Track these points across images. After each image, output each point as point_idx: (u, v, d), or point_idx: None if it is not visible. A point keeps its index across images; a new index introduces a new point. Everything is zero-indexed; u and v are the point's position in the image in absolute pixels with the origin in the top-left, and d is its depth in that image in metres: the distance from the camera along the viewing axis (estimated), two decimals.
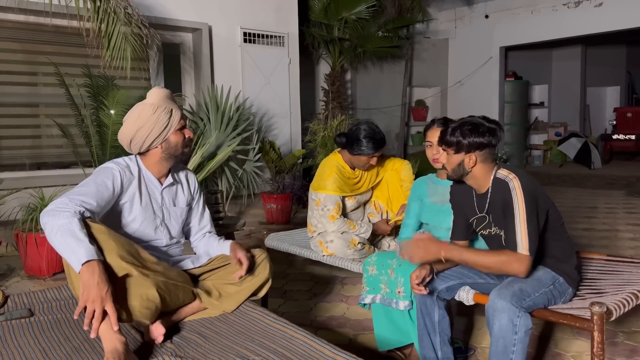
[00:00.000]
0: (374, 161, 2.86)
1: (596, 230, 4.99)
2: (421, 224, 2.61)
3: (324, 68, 8.35)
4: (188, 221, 2.30)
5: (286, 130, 7.14)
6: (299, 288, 3.50)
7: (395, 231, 3.02)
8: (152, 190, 2.12)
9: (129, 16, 4.57)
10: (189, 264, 2.16)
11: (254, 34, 6.80)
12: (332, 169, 2.90)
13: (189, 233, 2.33)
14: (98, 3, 4.44)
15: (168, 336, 1.90)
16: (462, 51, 10.30)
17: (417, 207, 2.58)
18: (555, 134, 11.28)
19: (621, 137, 10.50)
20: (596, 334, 1.77)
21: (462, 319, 2.87)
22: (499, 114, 9.88)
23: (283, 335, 1.84)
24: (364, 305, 2.38)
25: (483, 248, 2.30)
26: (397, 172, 3.05)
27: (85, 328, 1.63)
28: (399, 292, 2.25)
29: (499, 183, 1.99)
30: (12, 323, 2.05)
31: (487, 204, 2.05)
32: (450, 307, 2.24)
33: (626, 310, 1.94)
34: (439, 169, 2.48)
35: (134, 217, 2.06)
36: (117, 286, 1.72)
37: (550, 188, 7.50)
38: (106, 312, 1.64)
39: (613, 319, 1.89)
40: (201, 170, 4.44)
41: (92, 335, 1.63)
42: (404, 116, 9.55)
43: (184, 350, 1.82)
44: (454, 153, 2.01)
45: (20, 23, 5.27)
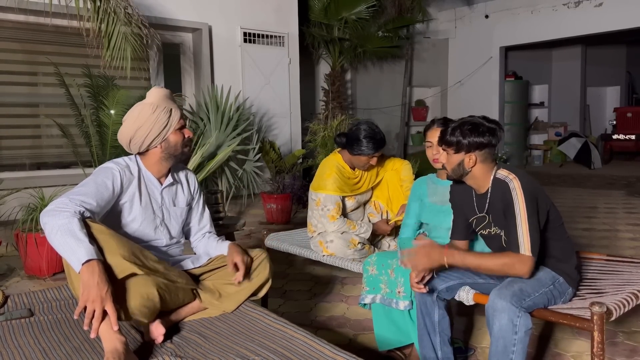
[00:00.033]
0: (374, 161, 2.86)
1: (596, 230, 4.99)
2: (421, 223, 2.62)
3: (324, 68, 8.35)
4: (188, 221, 2.30)
5: (286, 130, 7.14)
6: (299, 288, 3.50)
7: (395, 231, 3.02)
8: (152, 190, 2.12)
9: (129, 16, 4.57)
10: (189, 264, 2.16)
11: (254, 34, 6.80)
12: (332, 169, 2.90)
13: (188, 233, 2.33)
14: (98, 3, 4.44)
15: (168, 336, 1.90)
16: (462, 51, 10.30)
17: (417, 207, 2.58)
18: (555, 134, 11.28)
19: (621, 137, 10.51)
20: (596, 334, 1.77)
21: (462, 319, 2.87)
22: (499, 114, 9.88)
23: (283, 335, 1.84)
24: (364, 305, 2.38)
25: (482, 248, 2.31)
26: (397, 172, 3.05)
27: (85, 328, 1.63)
28: (399, 292, 2.25)
29: (499, 183, 1.99)
30: (12, 323, 2.05)
31: (487, 204, 2.05)
32: (450, 307, 2.24)
33: (626, 310, 1.94)
34: (439, 169, 2.48)
35: (133, 217, 2.06)
36: (117, 286, 1.72)
37: (550, 188, 7.50)
38: (106, 312, 1.64)
39: (613, 319, 1.89)
40: (201, 170, 4.44)
41: (92, 335, 1.63)
42: (404, 116, 9.55)
43: (184, 350, 1.82)
44: (454, 153, 2.01)
45: (20, 23, 5.27)
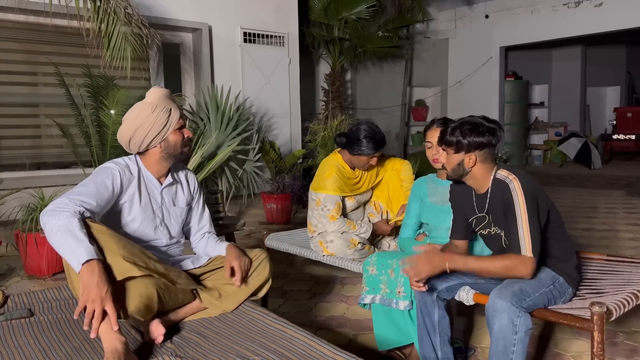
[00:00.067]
0: (374, 161, 2.86)
1: (596, 230, 4.99)
2: (421, 223, 2.62)
3: (324, 68, 8.35)
4: (188, 221, 2.30)
5: (286, 130, 7.14)
6: (299, 288, 3.50)
7: (395, 231, 3.02)
8: (152, 190, 2.12)
9: (129, 16, 4.57)
10: (189, 264, 2.16)
11: (254, 34, 6.80)
12: (332, 169, 2.90)
13: (188, 233, 2.33)
14: (98, 3, 4.44)
15: (168, 336, 1.90)
16: (462, 51, 10.30)
17: (417, 207, 2.58)
18: (555, 134, 11.28)
19: (621, 137, 10.51)
20: (596, 334, 1.76)
21: (462, 319, 2.87)
22: (499, 114, 9.88)
23: (283, 335, 1.84)
24: (364, 305, 2.38)
25: (482, 247, 2.31)
26: (397, 172, 3.05)
27: (85, 328, 1.63)
28: (399, 292, 2.25)
29: (498, 184, 1.99)
30: (12, 323, 2.05)
31: (487, 204, 2.05)
32: (450, 307, 2.24)
33: (626, 310, 1.94)
34: (439, 169, 2.48)
35: (133, 217, 2.06)
36: (117, 285, 1.72)
37: (550, 188, 7.50)
38: (106, 312, 1.64)
39: (613, 319, 1.89)
40: (201, 170, 4.44)
41: (92, 335, 1.63)
42: (404, 116, 9.55)
43: (184, 350, 1.82)
44: (454, 153, 2.01)
45: (20, 23, 5.27)
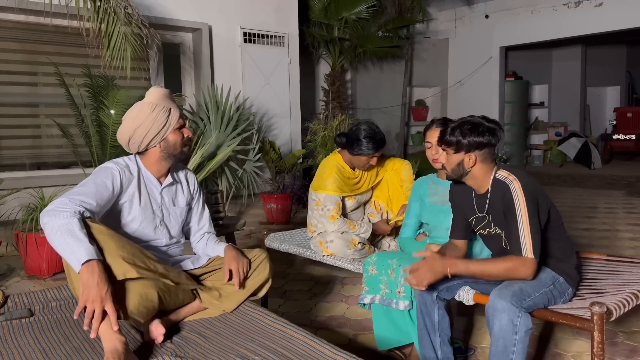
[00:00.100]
0: (374, 161, 2.86)
1: (596, 230, 4.99)
2: (421, 223, 2.62)
3: (324, 68, 8.35)
4: (188, 221, 2.30)
5: (286, 130, 7.14)
6: (299, 288, 3.50)
7: (395, 231, 3.02)
8: (152, 189, 2.12)
9: (129, 16, 4.57)
10: (189, 265, 2.16)
11: (254, 34, 6.80)
12: (332, 169, 2.90)
13: (188, 233, 2.33)
14: (98, 3, 4.44)
15: (168, 336, 1.90)
16: (462, 51, 10.30)
17: (417, 207, 2.58)
18: (555, 134, 11.28)
19: (621, 137, 10.51)
20: (596, 334, 1.76)
21: (462, 319, 2.87)
22: (499, 114, 9.88)
23: (283, 335, 1.84)
24: (364, 305, 2.38)
25: (481, 247, 2.31)
26: (397, 172, 3.05)
27: (85, 328, 1.63)
28: (399, 292, 2.25)
29: (498, 184, 1.99)
30: (12, 323, 2.05)
31: (487, 204, 2.04)
32: (450, 307, 2.24)
33: (626, 310, 1.93)
34: (439, 169, 2.48)
35: (133, 217, 2.06)
36: (116, 285, 1.72)
37: (550, 188, 7.50)
38: (106, 312, 1.64)
39: (613, 319, 1.89)
40: (201, 170, 4.44)
41: (92, 335, 1.63)
42: (404, 116, 9.55)
43: (184, 350, 1.82)
44: (454, 153, 2.01)
45: (20, 23, 5.27)
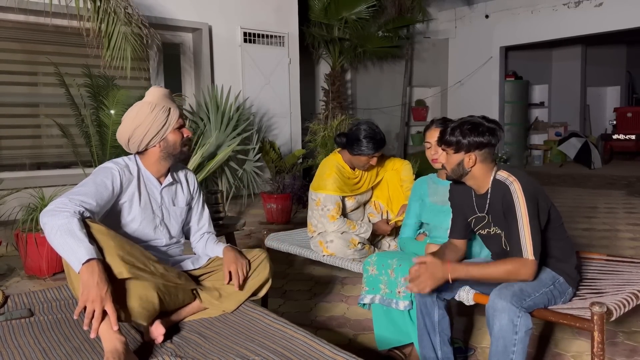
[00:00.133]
0: (374, 161, 2.86)
1: (596, 230, 4.99)
2: (422, 223, 2.62)
3: (324, 68, 8.35)
4: (187, 221, 2.30)
5: (286, 130, 7.14)
6: (299, 288, 3.50)
7: (395, 231, 3.02)
8: (152, 189, 2.12)
9: (129, 16, 4.57)
10: (189, 265, 2.16)
11: (254, 34, 6.80)
12: (332, 169, 2.90)
13: (188, 233, 2.33)
14: (98, 3, 4.44)
15: (168, 336, 1.90)
16: (462, 51, 10.30)
17: (417, 207, 2.58)
18: (555, 134, 11.28)
19: (621, 137, 10.51)
20: (596, 334, 1.76)
21: (462, 319, 2.87)
22: (499, 114, 9.88)
23: (283, 335, 1.84)
24: (364, 305, 2.38)
25: (481, 247, 2.31)
26: (397, 172, 3.05)
27: (85, 328, 1.63)
28: (399, 292, 2.25)
29: (498, 185, 1.99)
30: (12, 323, 2.05)
31: (487, 205, 2.04)
32: (450, 307, 2.24)
33: (626, 310, 1.93)
34: (439, 169, 2.48)
35: (133, 216, 2.06)
36: (117, 286, 1.72)
37: (550, 188, 7.50)
38: (106, 312, 1.64)
39: (613, 319, 1.89)
40: (201, 170, 4.44)
41: (92, 335, 1.63)
42: (404, 116, 9.55)
43: (184, 350, 1.82)
44: (454, 153, 2.01)
45: (20, 23, 5.27)
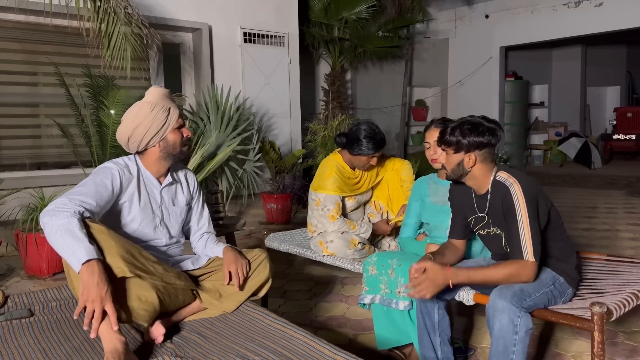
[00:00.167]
0: (374, 161, 2.86)
1: (596, 230, 4.99)
2: (422, 223, 2.62)
3: (324, 68, 8.35)
4: (187, 220, 2.30)
5: (286, 130, 7.14)
6: (299, 288, 3.50)
7: (395, 231, 3.02)
8: (151, 189, 2.12)
9: (129, 16, 4.57)
10: (189, 265, 2.16)
11: (254, 34, 6.80)
12: (332, 169, 2.90)
13: (188, 233, 2.33)
14: (98, 3, 4.44)
15: (168, 336, 1.90)
16: (462, 51, 10.30)
17: (417, 207, 2.58)
18: (556, 134, 11.28)
19: (621, 137, 10.51)
20: (596, 334, 1.76)
21: (462, 319, 2.87)
22: (499, 114, 9.88)
23: (283, 335, 1.84)
24: (364, 305, 2.38)
25: (481, 248, 2.31)
26: (398, 172, 3.05)
27: (85, 328, 1.63)
28: (399, 292, 2.25)
29: (498, 186, 1.99)
30: (12, 323, 2.05)
31: (488, 205, 2.04)
32: (450, 307, 2.24)
33: (626, 310, 1.93)
34: (439, 169, 2.48)
35: (133, 216, 2.06)
36: (117, 286, 1.72)
37: (550, 188, 7.50)
38: (106, 312, 1.64)
39: (613, 319, 1.89)
40: (201, 170, 4.44)
41: (92, 335, 1.63)
42: (404, 116, 9.55)
43: (184, 350, 1.82)
44: (454, 153, 2.01)
45: (20, 23, 5.27)
